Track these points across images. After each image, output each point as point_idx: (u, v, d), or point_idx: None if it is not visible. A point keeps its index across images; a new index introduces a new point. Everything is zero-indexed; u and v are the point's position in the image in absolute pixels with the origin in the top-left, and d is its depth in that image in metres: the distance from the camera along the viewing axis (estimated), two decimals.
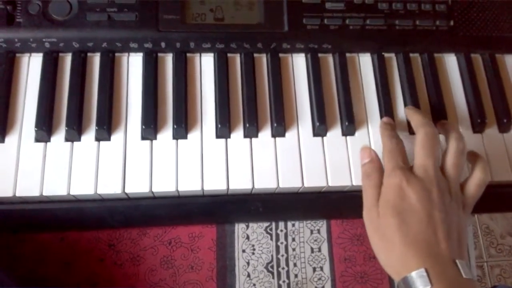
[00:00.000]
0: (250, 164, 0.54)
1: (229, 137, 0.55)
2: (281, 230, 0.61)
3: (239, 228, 0.60)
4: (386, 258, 0.47)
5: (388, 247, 0.46)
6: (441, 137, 0.53)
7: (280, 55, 0.59)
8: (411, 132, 0.57)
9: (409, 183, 0.46)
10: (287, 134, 0.56)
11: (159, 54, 0.57)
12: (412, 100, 0.58)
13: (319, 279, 0.60)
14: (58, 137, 0.53)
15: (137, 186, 0.52)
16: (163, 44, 0.56)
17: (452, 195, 0.48)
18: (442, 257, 0.44)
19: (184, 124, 0.54)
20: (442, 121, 0.56)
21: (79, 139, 0.53)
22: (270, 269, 0.59)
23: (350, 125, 0.56)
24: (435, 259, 0.43)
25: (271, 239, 0.60)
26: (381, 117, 0.58)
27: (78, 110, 0.53)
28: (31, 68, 0.55)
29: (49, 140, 0.53)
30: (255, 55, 0.59)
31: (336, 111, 0.58)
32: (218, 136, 0.55)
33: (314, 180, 0.54)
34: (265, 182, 0.54)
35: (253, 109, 0.56)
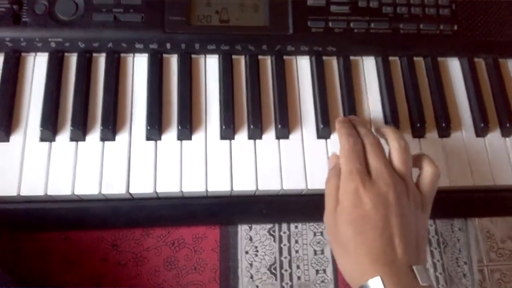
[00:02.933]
0: (254, 165, 0.54)
1: (233, 138, 0.55)
2: (284, 232, 0.61)
3: (243, 230, 0.60)
4: (343, 265, 0.46)
5: (345, 255, 0.45)
6: None
7: (285, 57, 0.59)
8: None
9: (365, 188, 0.45)
10: (291, 136, 0.56)
11: (164, 55, 0.58)
12: (416, 103, 0.58)
13: (322, 281, 0.60)
14: (63, 136, 0.53)
15: (142, 186, 0.52)
16: (168, 45, 0.56)
17: (410, 196, 0.46)
18: (398, 265, 0.42)
19: (188, 125, 0.54)
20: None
21: (84, 139, 0.53)
22: (273, 271, 0.59)
23: None
24: (391, 267, 0.42)
25: (274, 241, 0.60)
26: (385, 119, 0.58)
27: (83, 110, 0.54)
28: (37, 67, 0.56)
29: (54, 140, 0.53)
30: (260, 57, 0.59)
31: (340, 113, 0.58)
32: (222, 137, 0.55)
33: (317, 182, 0.54)
34: (269, 184, 0.54)
35: (257, 111, 0.56)
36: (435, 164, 0.48)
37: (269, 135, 0.56)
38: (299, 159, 0.55)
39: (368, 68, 0.61)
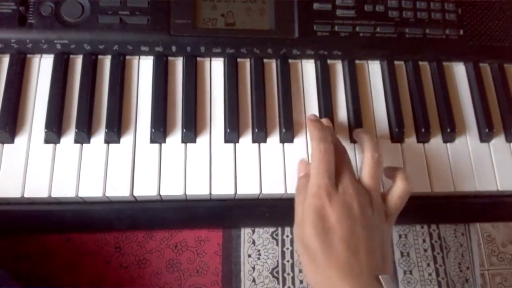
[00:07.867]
0: (258, 169, 0.54)
1: (238, 141, 0.55)
2: (287, 236, 0.61)
3: (245, 233, 0.60)
4: (311, 277, 0.46)
5: (313, 267, 0.45)
6: None
7: (290, 61, 0.59)
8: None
9: (331, 202, 0.45)
10: (295, 140, 0.56)
11: (170, 58, 0.58)
12: (421, 108, 0.58)
13: None
14: (68, 138, 0.53)
15: (145, 189, 0.52)
16: (174, 48, 0.56)
17: (374, 208, 0.47)
18: (365, 275, 0.43)
19: (193, 128, 0.54)
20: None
21: (88, 141, 0.53)
22: (276, 275, 0.59)
23: None
24: (357, 278, 0.43)
25: (277, 244, 0.60)
26: (390, 124, 0.58)
27: (88, 112, 0.53)
28: (42, 69, 0.55)
29: (58, 142, 0.53)
30: (265, 60, 0.59)
31: (345, 117, 0.58)
32: (226, 140, 0.55)
33: None
34: (273, 187, 0.54)
35: (262, 114, 0.56)
36: (408, 181, 0.49)
37: (274, 139, 0.56)
38: None
39: (374, 72, 0.61)
